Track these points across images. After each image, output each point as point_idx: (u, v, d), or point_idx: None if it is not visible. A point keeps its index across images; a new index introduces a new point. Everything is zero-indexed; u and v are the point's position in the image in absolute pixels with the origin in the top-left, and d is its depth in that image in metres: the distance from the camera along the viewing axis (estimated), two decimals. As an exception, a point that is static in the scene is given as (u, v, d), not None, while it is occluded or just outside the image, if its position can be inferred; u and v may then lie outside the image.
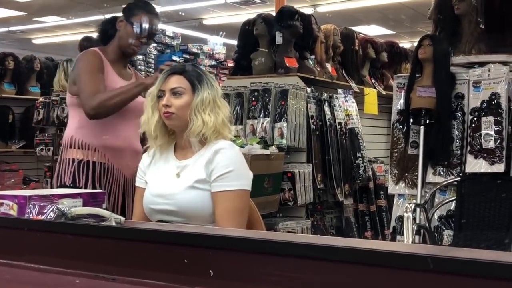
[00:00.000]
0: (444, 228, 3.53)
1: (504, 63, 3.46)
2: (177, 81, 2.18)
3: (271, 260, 1.06)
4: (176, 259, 1.15)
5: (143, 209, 2.24)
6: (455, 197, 3.42)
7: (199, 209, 2.09)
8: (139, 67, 5.77)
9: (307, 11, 6.44)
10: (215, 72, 6.90)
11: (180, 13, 10.15)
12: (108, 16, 3.30)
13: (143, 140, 2.66)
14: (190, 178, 2.12)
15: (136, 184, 2.35)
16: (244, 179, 2.13)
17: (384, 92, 5.73)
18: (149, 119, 2.21)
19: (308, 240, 1.15)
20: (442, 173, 3.59)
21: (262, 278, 1.06)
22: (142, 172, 2.30)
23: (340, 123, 4.65)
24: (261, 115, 4.09)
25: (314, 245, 1.04)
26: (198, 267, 1.12)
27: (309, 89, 4.32)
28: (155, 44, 6.29)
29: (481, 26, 3.66)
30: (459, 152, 3.54)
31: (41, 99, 5.64)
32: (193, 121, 2.13)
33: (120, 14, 3.03)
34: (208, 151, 2.14)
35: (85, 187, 2.81)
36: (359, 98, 5.28)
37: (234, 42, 4.91)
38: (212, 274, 1.10)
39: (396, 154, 3.82)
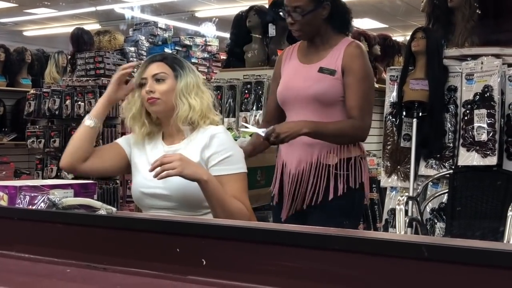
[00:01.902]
0: (436, 221, 3.53)
1: (497, 56, 3.46)
2: (158, 67, 2.20)
3: (263, 249, 1.06)
4: (168, 248, 1.14)
5: (107, 151, 2.31)
6: (447, 190, 3.43)
7: (191, 194, 2.08)
8: (131, 59, 5.74)
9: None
10: (208, 65, 6.87)
11: None
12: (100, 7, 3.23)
13: None
14: None
15: (117, 140, 2.36)
16: (243, 162, 2.18)
17: (376, 85, 5.70)
18: (132, 109, 2.23)
19: (301, 229, 1.14)
20: (434, 165, 3.59)
21: (255, 267, 1.05)
22: (129, 140, 2.31)
23: (332, 116, 4.63)
24: (254, 108, 4.08)
25: (308, 233, 1.03)
26: (190, 256, 1.11)
27: (301, 82, 4.31)
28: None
29: (474, 18, 3.65)
30: (451, 144, 3.54)
31: (32, 91, 5.60)
32: (179, 106, 2.14)
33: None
34: (200, 136, 2.14)
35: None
36: (352, 91, 5.26)
37: (227, 35, 4.89)
38: (204, 263, 1.09)
39: (389, 147, 3.82)
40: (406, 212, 3.29)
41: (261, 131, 2.42)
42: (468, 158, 3.39)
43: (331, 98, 2.57)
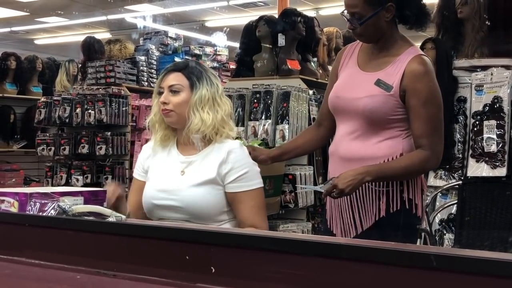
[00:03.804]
0: (445, 232, 3.52)
1: (507, 67, 3.46)
2: (175, 78, 2.19)
3: (272, 257, 1.06)
4: (178, 256, 1.14)
5: (138, 198, 2.25)
6: (456, 201, 3.41)
7: (205, 208, 2.10)
8: (141, 68, 5.76)
9: (310, 14, 6.45)
10: (217, 74, 6.89)
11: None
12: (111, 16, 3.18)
13: None
14: (198, 176, 2.12)
15: (134, 175, 2.36)
16: (259, 177, 2.21)
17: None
18: (152, 114, 2.24)
19: (310, 238, 1.15)
20: (443, 176, 3.59)
21: (263, 275, 1.06)
22: (141, 164, 2.31)
23: (341, 126, 4.62)
24: (263, 117, 4.08)
25: (317, 242, 1.03)
26: (199, 264, 1.11)
27: (311, 92, 4.31)
28: (151, 47, 6.28)
29: (484, 30, 3.66)
30: (460, 155, 3.54)
31: (42, 99, 5.65)
32: (191, 118, 2.14)
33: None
34: (217, 150, 2.15)
35: None
36: (361, 101, 5.26)
37: (237, 44, 4.92)
38: (213, 270, 1.10)
39: (398, 157, 3.81)
40: (415, 222, 3.27)
41: (319, 188, 2.30)
42: (478, 169, 3.38)
43: (381, 115, 2.29)
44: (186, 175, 2.16)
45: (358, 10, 2.26)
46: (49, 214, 1.52)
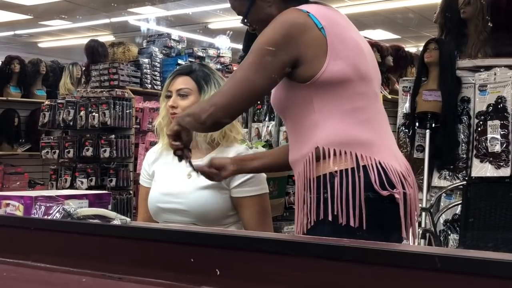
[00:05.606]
0: (449, 232, 3.51)
1: (510, 67, 3.46)
2: (183, 82, 2.18)
3: (277, 259, 1.06)
4: (183, 258, 1.15)
5: (147, 208, 2.24)
6: (460, 201, 3.41)
7: (210, 211, 2.09)
8: (144, 70, 5.77)
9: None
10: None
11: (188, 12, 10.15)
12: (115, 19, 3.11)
13: None
14: (204, 179, 2.11)
15: (140, 182, 2.36)
16: (265, 183, 2.19)
17: (389, 96, 5.71)
18: (159, 117, 2.24)
19: (315, 240, 1.15)
20: (447, 177, 3.59)
21: (269, 277, 1.06)
22: (146, 170, 2.30)
23: (345, 127, 4.62)
24: (266, 119, 4.09)
25: (322, 244, 1.03)
26: (204, 266, 1.12)
27: (314, 93, 4.31)
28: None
29: (487, 30, 3.65)
30: (464, 156, 3.54)
31: (46, 102, 5.66)
32: None
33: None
34: (224, 154, 2.13)
35: None
36: (365, 102, 5.25)
37: (240, 46, 4.91)
38: (218, 273, 1.10)
39: (402, 158, 3.81)
40: (420, 223, 3.28)
41: None
42: (482, 169, 3.38)
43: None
44: (192, 178, 2.15)
45: (239, 10, 1.97)
46: (54, 218, 1.53)
